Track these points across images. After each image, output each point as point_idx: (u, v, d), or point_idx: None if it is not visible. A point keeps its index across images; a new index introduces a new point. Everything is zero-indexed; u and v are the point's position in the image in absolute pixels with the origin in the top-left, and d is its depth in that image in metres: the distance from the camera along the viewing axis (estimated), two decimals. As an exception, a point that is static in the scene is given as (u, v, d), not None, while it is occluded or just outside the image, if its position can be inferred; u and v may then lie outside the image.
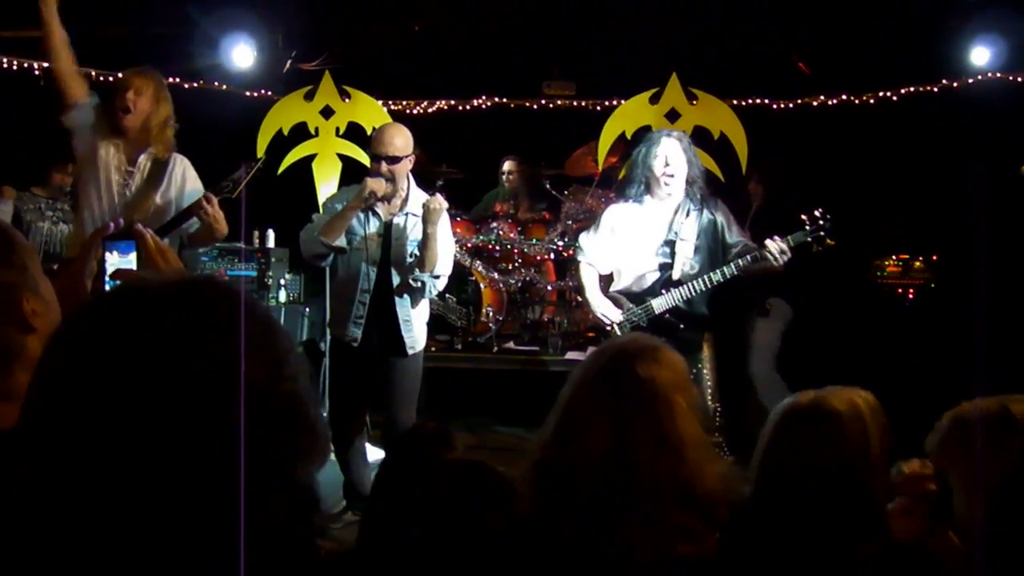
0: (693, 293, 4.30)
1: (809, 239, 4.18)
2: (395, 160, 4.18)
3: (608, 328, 4.43)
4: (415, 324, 4.32)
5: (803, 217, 4.22)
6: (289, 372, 0.85)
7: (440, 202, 4.15)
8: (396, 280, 4.26)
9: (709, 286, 4.28)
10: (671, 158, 4.33)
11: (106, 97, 4.15)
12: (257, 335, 0.83)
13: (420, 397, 4.46)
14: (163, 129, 4.09)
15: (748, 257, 4.19)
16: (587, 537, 1.80)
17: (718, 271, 4.25)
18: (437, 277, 4.26)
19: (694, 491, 1.85)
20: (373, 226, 4.27)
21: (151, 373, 0.77)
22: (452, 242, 4.46)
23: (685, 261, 4.33)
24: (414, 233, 4.26)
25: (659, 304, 4.35)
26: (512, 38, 7.43)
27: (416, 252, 4.22)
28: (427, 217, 4.13)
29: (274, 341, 0.87)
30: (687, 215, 4.36)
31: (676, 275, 4.33)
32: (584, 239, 4.68)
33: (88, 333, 0.82)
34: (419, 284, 4.22)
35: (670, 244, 4.36)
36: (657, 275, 4.40)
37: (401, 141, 4.23)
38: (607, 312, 4.43)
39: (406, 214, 4.29)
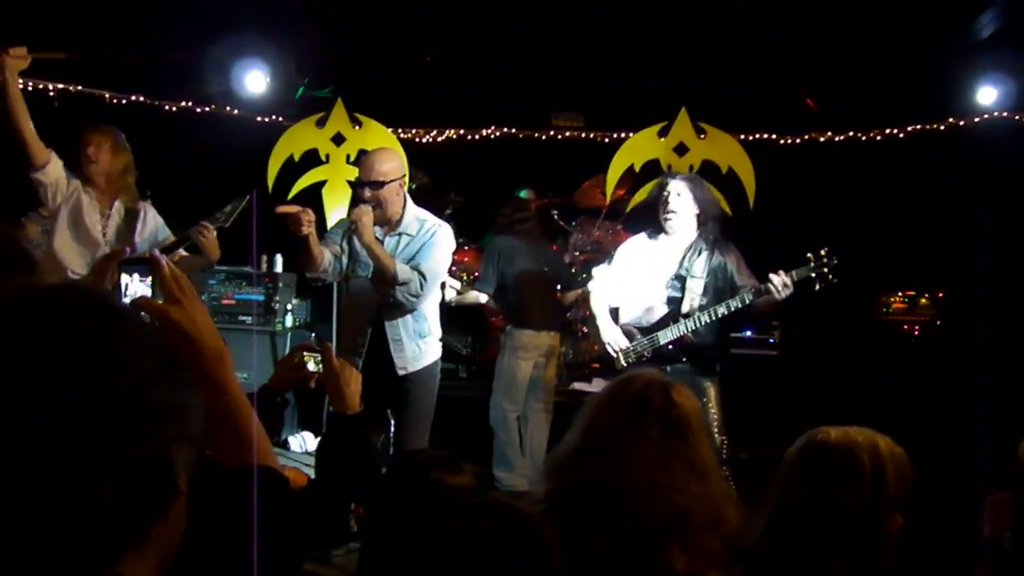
0: (699, 325, 4.32)
1: (812, 275, 4.19)
2: (378, 185, 4.13)
3: (614, 356, 4.45)
4: (407, 344, 4.23)
5: (808, 255, 4.23)
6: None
7: (362, 212, 4.08)
8: (385, 300, 4.22)
9: (714, 319, 4.30)
10: (672, 198, 4.41)
11: (67, 156, 4.46)
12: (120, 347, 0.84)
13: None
14: (124, 176, 4.46)
15: (752, 291, 4.22)
16: (622, 557, 1.82)
17: (723, 304, 4.28)
18: (403, 284, 4.12)
19: (719, 520, 1.88)
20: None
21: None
22: (441, 261, 4.34)
23: (695, 297, 4.36)
24: (404, 254, 4.21)
25: (664, 335, 4.38)
26: (522, 69, 7.49)
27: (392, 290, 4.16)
28: (352, 230, 4.11)
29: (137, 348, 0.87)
30: (698, 254, 4.40)
31: (685, 309, 4.36)
32: (597, 270, 4.75)
33: None
34: (391, 301, 4.16)
35: (680, 279, 4.41)
36: (666, 309, 4.43)
37: (387, 166, 4.18)
38: (616, 340, 4.46)
39: (398, 235, 4.24)
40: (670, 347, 4.37)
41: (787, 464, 1.97)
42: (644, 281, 4.50)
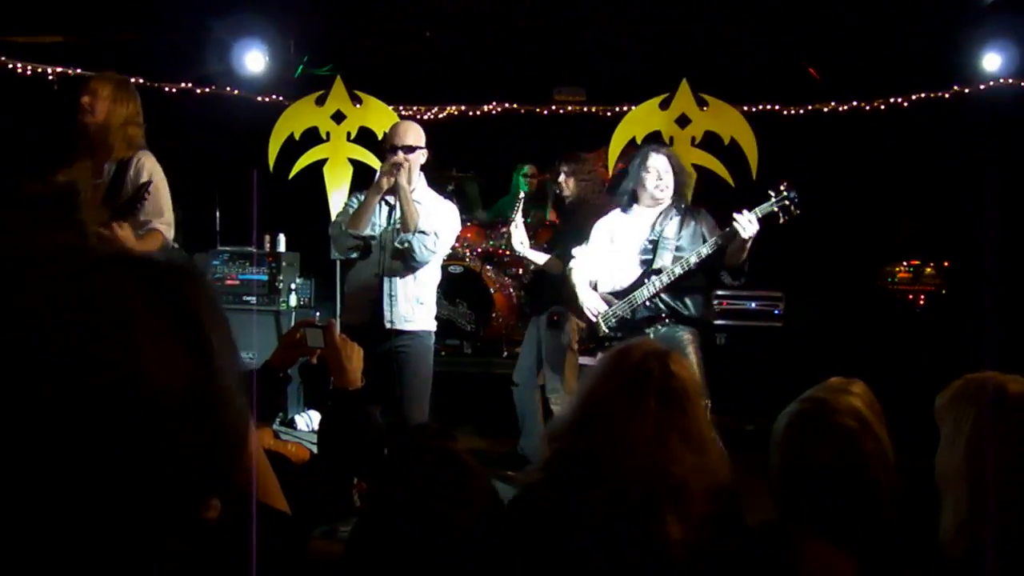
0: (672, 276, 4.35)
1: (776, 209, 4.15)
2: (410, 149, 4.28)
3: (594, 321, 4.49)
4: (401, 303, 4.31)
5: (770, 191, 4.20)
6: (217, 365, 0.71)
7: (402, 158, 4.20)
8: (391, 258, 4.31)
9: (688, 268, 4.31)
10: (664, 174, 4.48)
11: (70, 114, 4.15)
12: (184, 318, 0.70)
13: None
14: (124, 127, 4.07)
15: (719, 235, 4.26)
16: (618, 525, 1.82)
17: (694, 252, 4.30)
18: (424, 234, 4.23)
19: (716, 489, 1.89)
20: (387, 217, 4.36)
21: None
22: (451, 232, 4.46)
23: (666, 254, 4.42)
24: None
25: (641, 294, 4.42)
26: (523, 44, 7.45)
27: (410, 235, 4.26)
28: (392, 172, 4.20)
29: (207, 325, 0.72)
30: (670, 218, 4.49)
31: (657, 264, 4.41)
32: (576, 250, 4.79)
33: None
34: (405, 245, 4.23)
35: (652, 243, 4.48)
36: (640, 271, 4.48)
37: (419, 135, 4.36)
38: (595, 305, 4.54)
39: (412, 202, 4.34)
40: (648, 304, 4.40)
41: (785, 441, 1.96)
42: (621, 252, 4.57)
